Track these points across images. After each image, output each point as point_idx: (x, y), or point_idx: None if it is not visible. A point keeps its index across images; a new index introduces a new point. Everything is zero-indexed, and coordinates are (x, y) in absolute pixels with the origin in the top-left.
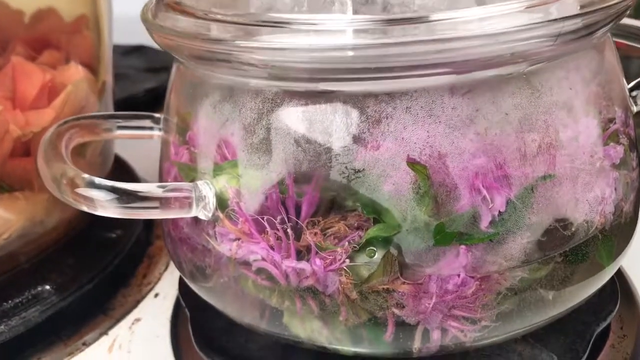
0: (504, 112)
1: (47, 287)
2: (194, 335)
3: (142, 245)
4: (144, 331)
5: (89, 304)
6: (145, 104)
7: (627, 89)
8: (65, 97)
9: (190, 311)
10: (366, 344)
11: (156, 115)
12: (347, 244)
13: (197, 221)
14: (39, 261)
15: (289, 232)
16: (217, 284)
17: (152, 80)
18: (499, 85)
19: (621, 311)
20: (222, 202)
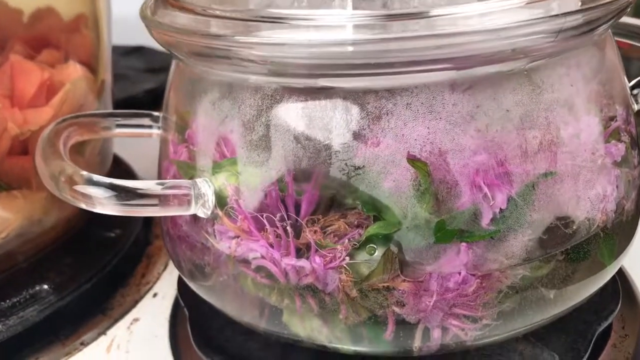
0: (505, 108)
1: (45, 286)
2: (193, 334)
3: (140, 244)
4: (142, 331)
5: (88, 303)
6: (144, 104)
7: (629, 87)
8: (63, 95)
9: (189, 311)
10: (366, 343)
11: (155, 113)
12: (347, 241)
13: (196, 219)
14: (37, 260)
15: (289, 229)
16: (217, 283)
17: (152, 80)
18: (500, 81)
19: (623, 310)
20: (221, 200)
